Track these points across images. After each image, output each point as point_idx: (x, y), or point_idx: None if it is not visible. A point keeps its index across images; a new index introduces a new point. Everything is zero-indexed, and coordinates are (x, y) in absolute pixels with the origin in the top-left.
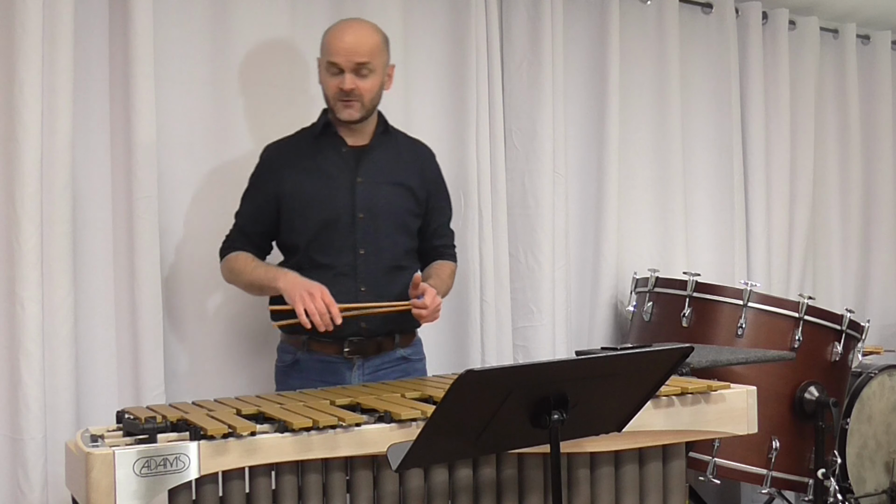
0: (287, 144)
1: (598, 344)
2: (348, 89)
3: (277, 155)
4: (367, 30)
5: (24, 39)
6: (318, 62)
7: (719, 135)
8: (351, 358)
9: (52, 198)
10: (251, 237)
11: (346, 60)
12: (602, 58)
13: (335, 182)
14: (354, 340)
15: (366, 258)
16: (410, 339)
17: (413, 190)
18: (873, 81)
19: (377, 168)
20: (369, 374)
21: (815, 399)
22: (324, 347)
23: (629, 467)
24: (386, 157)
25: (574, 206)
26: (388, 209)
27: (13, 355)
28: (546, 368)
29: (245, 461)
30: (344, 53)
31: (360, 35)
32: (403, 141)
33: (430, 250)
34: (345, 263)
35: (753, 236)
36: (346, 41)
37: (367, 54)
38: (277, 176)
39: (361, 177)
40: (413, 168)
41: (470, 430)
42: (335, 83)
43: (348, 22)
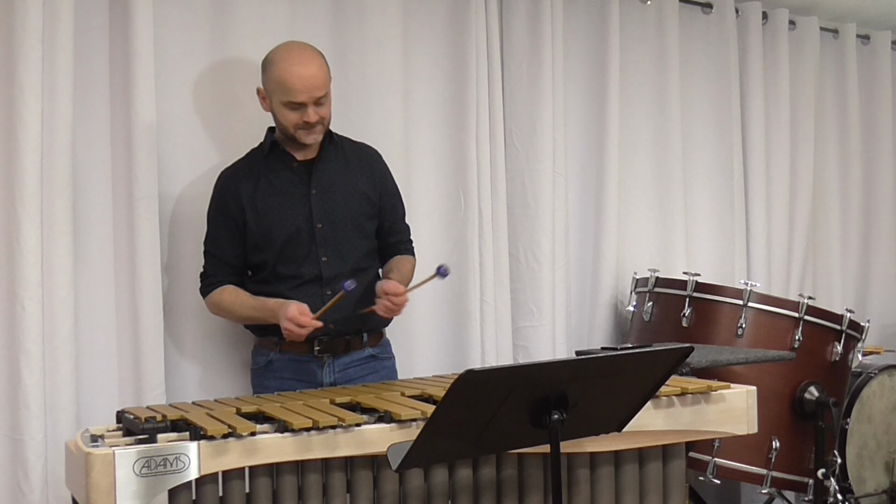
0: (240, 168)
1: (598, 344)
2: (315, 121)
3: (233, 180)
4: (316, 61)
5: (24, 39)
6: (262, 92)
7: (719, 135)
8: (321, 356)
9: (52, 198)
10: (230, 263)
11: (308, 98)
12: (602, 58)
13: (291, 197)
14: (324, 339)
15: (329, 264)
16: (378, 338)
17: (365, 193)
18: (873, 81)
19: (328, 178)
20: (339, 371)
21: (815, 399)
22: (295, 347)
23: (629, 467)
24: (335, 167)
25: (574, 206)
26: (344, 216)
27: (13, 355)
28: (546, 368)
29: (245, 461)
30: (306, 91)
31: (315, 71)
32: (349, 148)
33: (388, 248)
34: (309, 272)
35: (753, 236)
36: (304, 80)
37: (325, 86)
38: (236, 198)
39: (315, 188)
40: (362, 173)
41: (470, 430)
42: (297, 117)
43: (296, 56)
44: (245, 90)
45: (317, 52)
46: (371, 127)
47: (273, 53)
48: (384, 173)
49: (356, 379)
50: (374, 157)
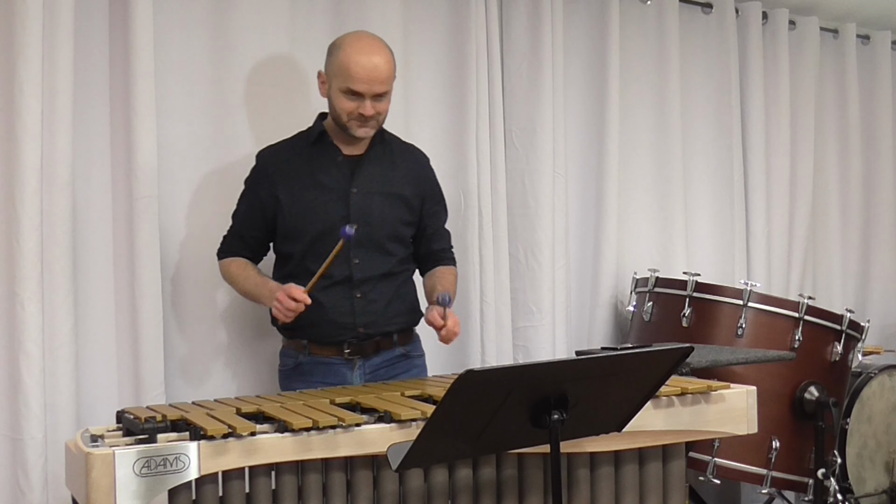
0: (282, 150)
1: (598, 344)
2: (370, 115)
3: (272, 161)
4: (384, 55)
5: (24, 39)
6: (323, 76)
7: (719, 135)
8: (351, 359)
9: (52, 198)
10: (247, 240)
11: (368, 89)
12: (602, 58)
13: (330, 193)
14: (353, 342)
15: (360, 266)
16: (409, 336)
17: (407, 199)
18: (873, 81)
19: (372, 178)
20: (370, 372)
21: (815, 399)
22: (323, 350)
23: (629, 467)
24: (381, 167)
25: (574, 206)
26: (381, 219)
27: (13, 355)
28: (546, 368)
29: (245, 461)
30: (367, 82)
31: (380, 63)
32: (399, 148)
33: (429, 255)
34: (340, 273)
35: (753, 236)
36: (367, 70)
37: (388, 81)
38: (272, 183)
39: (356, 187)
40: (408, 176)
41: (470, 430)
42: (353, 107)
43: (365, 44)
44: (245, 89)
45: (386, 47)
46: None
47: (342, 38)
48: (431, 179)
49: (387, 380)
50: (422, 162)
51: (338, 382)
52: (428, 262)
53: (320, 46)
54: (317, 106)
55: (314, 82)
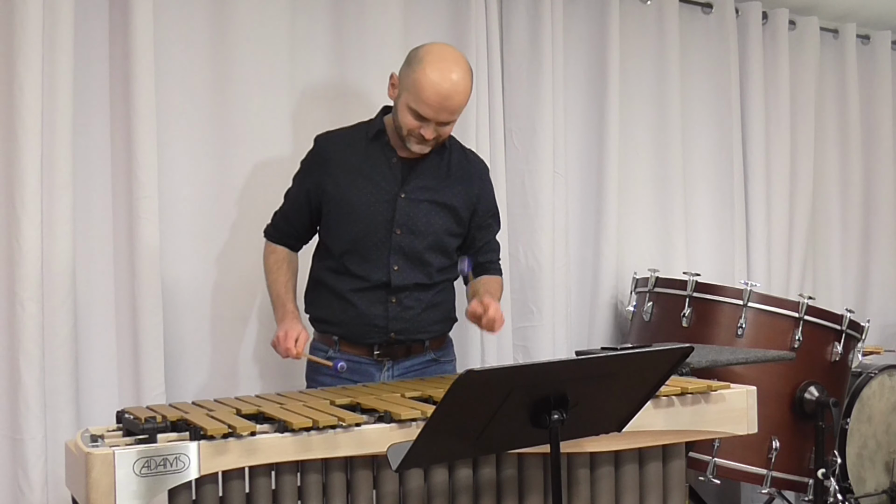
0: (338, 140)
1: (598, 344)
2: (430, 139)
3: (327, 148)
4: (463, 81)
5: (24, 39)
6: (395, 79)
7: (719, 135)
8: (381, 360)
9: (52, 198)
10: (293, 222)
11: (435, 117)
12: (602, 58)
13: (378, 194)
14: (383, 344)
15: (399, 274)
16: (441, 342)
17: (456, 210)
18: (873, 81)
19: (423, 185)
20: (399, 375)
21: (815, 399)
22: (354, 349)
23: (629, 467)
24: (434, 174)
25: (574, 206)
26: (426, 228)
27: (13, 355)
28: (546, 368)
29: (245, 461)
30: (436, 111)
31: (456, 92)
32: (457, 155)
33: (476, 266)
34: (378, 277)
35: (753, 236)
36: (440, 98)
37: (458, 111)
38: (324, 171)
39: (405, 192)
40: (461, 188)
41: (470, 430)
42: (415, 125)
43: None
44: (245, 89)
45: (468, 72)
46: None
47: (425, 51)
48: (484, 190)
49: None
50: (479, 172)
51: (365, 382)
52: (474, 273)
53: (320, 46)
54: (319, 104)
55: (313, 81)
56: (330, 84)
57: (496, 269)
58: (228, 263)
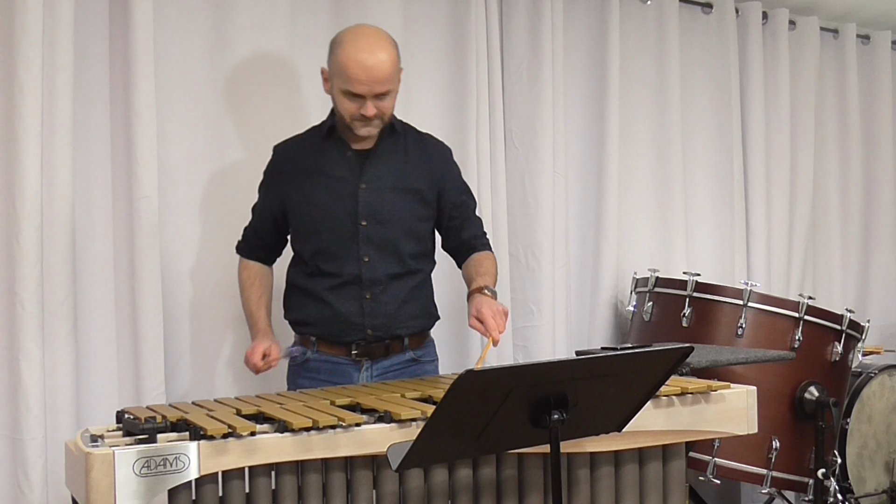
0: (294, 146)
1: (598, 344)
2: (371, 116)
3: (284, 156)
4: (385, 52)
5: (24, 39)
6: (325, 72)
7: (719, 135)
8: (359, 360)
9: (52, 198)
10: (262, 235)
11: (368, 91)
12: (602, 58)
13: (338, 189)
14: (361, 343)
15: (370, 266)
16: (421, 340)
17: (421, 193)
18: (873, 81)
19: (382, 173)
20: (378, 375)
21: (815, 399)
22: (332, 349)
23: (629, 467)
24: (392, 161)
25: (574, 206)
26: (391, 216)
27: (13, 355)
28: (546, 368)
29: (245, 461)
30: (366, 83)
31: (380, 61)
32: (412, 140)
33: (461, 245)
34: (349, 272)
35: (753, 236)
36: (367, 71)
37: (389, 81)
38: (283, 178)
39: (365, 183)
40: (421, 169)
41: (470, 430)
42: (354, 107)
43: (364, 42)
44: (245, 89)
45: (389, 42)
46: None
47: (342, 34)
48: (448, 169)
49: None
50: (439, 152)
51: (344, 383)
52: (461, 253)
53: (320, 46)
54: (317, 105)
55: (314, 82)
56: None
57: (483, 244)
58: (229, 263)
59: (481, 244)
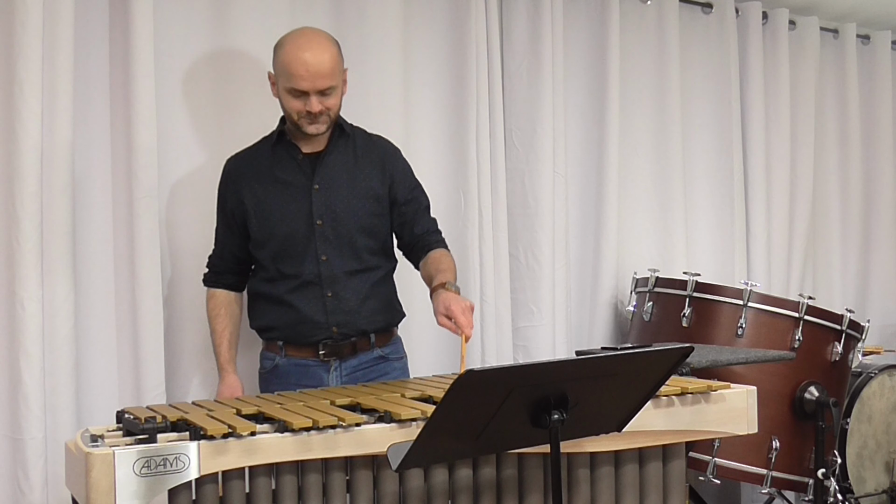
0: (246, 156)
1: (598, 344)
2: (317, 112)
3: (236, 168)
4: (325, 49)
5: (24, 39)
6: (272, 77)
7: (719, 135)
8: (327, 360)
9: (52, 198)
10: (227, 255)
11: (311, 86)
12: (602, 58)
13: (292, 192)
14: (328, 343)
15: (329, 264)
16: (388, 337)
17: (373, 190)
18: (873, 81)
19: (333, 173)
20: (347, 374)
21: (815, 399)
22: (299, 352)
23: (629, 467)
24: (342, 161)
25: (574, 206)
26: (346, 214)
27: (13, 355)
28: (546, 368)
29: (245, 461)
30: (308, 79)
31: (320, 57)
32: (362, 140)
33: (415, 241)
34: (309, 272)
35: (753, 236)
36: (308, 67)
37: (330, 76)
38: (237, 189)
39: (318, 184)
40: (372, 167)
41: (470, 430)
42: (300, 105)
43: (304, 41)
44: (245, 89)
45: (329, 40)
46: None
47: (284, 37)
48: (397, 167)
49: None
50: (387, 151)
51: (314, 385)
52: (417, 250)
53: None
54: None
55: None
56: None
57: (438, 241)
58: None
59: (436, 241)
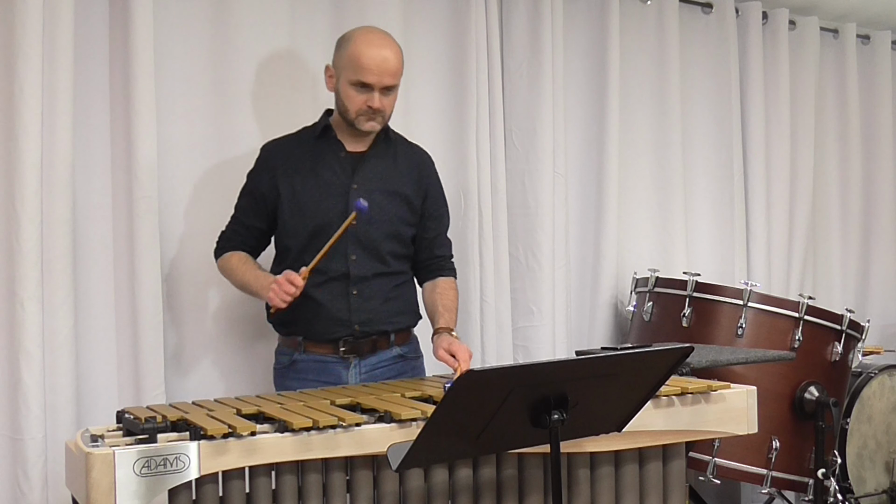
0: (286, 144)
1: (598, 344)
2: (378, 108)
3: (275, 154)
4: (394, 48)
5: (24, 39)
6: (331, 70)
7: (719, 135)
8: (347, 357)
9: (52, 198)
10: (249, 229)
11: (378, 81)
12: (602, 58)
13: (330, 188)
14: (349, 340)
15: (357, 263)
16: (406, 336)
17: (408, 198)
18: (873, 81)
19: (373, 175)
20: (366, 372)
21: (815, 399)
22: (319, 348)
23: (629, 467)
24: (383, 165)
25: (574, 206)
26: (380, 217)
27: (13, 355)
28: (546, 368)
29: (245, 461)
30: (377, 73)
31: (390, 55)
32: (402, 148)
33: (430, 261)
34: (336, 269)
35: (753, 236)
36: (378, 62)
37: (397, 75)
38: (273, 175)
39: (356, 183)
40: (409, 176)
41: (470, 430)
42: (362, 99)
43: (375, 37)
44: (245, 89)
45: (396, 43)
46: None
47: (351, 32)
48: (432, 180)
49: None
50: (426, 162)
51: (333, 381)
52: (428, 270)
53: (320, 46)
54: (317, 105)
55: (314, 81)
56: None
57: (450, 267)
58: None
59: (449, 269)
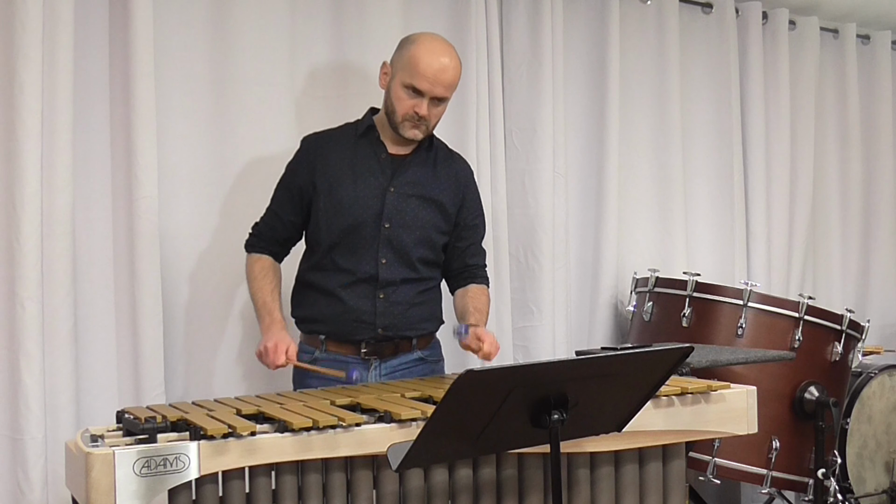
0: (327, 139)
1: (598, 344)
2: (424, 116)
3: (316, 147)
4: (455, 62)
5: (24, 39)
6: (387, 67)
7: (719, 135)
8: (368, 359)
9: (52, 198)
10: (285, 223)
11: (430, 89)
12: (602, 58)
13: (367, 188)
14: (371, 342)
15: (387, 267)
16: (428, 340)
17: (444, 206)
18: (873, 81)
19: (411, 180)
20: (386, 374)
21: (815, 399)
22: (341, 347)
23: (629, 467)
24: (422, 171)
25: (574, 206)
26: (414, 222)
27: (13, 355)
28: (546, 368)
29: (245, 461)
30: (432, 82)
31: (449, 68)
32: (443, 155)
33: (463, 269)
34: (365, 270)
35: (753, 236)
36: (435, 70)
37: (450, 87)
38: (312, 169)
39: (394, 187)
40: (447, 184)
41: (470, 430)
42: (411, 104)
43: (438, 46)
44: (245, 88)
45: (458, 57)
46: None
47: (417, 34)
48: (470, 189)
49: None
50: (465, 172)
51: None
52: (461, 278)
53: (320, 47)
54: (317, 104)
55: (314, 81)
56: (330, 83)
57: (483, 275)
58: (229, 263)
59: (482, 275)
